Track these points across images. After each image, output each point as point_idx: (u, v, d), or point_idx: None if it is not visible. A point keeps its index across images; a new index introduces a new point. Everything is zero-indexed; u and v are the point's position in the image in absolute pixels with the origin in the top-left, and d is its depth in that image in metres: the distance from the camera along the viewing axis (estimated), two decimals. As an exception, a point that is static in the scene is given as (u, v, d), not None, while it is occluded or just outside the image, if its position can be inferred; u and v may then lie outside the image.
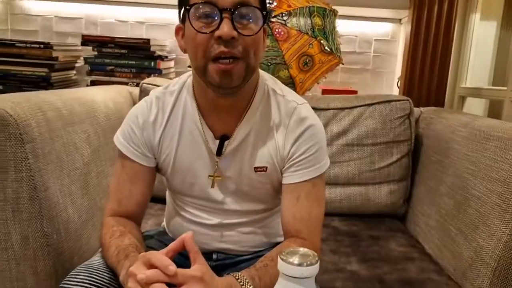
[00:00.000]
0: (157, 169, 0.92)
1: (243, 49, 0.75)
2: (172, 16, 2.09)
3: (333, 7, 1.70)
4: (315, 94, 2.03)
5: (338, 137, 1.50)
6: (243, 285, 0.72)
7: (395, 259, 1.19)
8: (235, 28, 0.73)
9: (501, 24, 2.06)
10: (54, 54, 1.87)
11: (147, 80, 1.52)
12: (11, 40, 1.88)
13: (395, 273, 1.10)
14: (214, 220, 0.91)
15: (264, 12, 0.77)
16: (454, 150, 1.29)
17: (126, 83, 1.88)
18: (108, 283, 0.78)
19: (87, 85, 1.94)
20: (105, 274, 0.80)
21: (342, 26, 1.99)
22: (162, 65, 1.94)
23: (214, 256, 0.94)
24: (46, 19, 2.17)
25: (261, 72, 0.89)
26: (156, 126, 0.88)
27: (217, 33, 0.72)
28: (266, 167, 0.87)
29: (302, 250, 0.51)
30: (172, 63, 2.12)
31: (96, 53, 1.92)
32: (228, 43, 0.73)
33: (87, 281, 0.77)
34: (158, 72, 1.91)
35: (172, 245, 0.69)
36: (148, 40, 1.88)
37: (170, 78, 2.06)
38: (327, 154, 0.90)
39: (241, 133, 0.85)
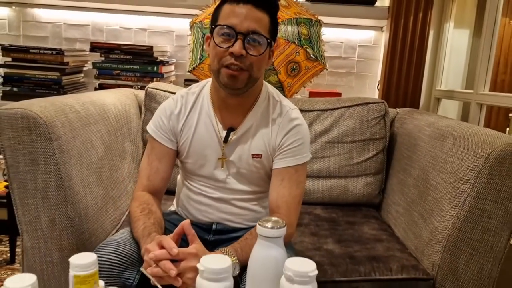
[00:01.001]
0: (177, 153, 1.17)
1: (249, 64, 1.01)
2: (172, 24, 2.28)
3: (321, 17, 1.89)
4: (303, 96, 2.22)
5: (321, 135, 1.70)
6: (228, 256, 0.93)
7: (366, 240, 1.38)
8: (244, 48, 0.99)
9: (473, 32, 2.26)
10: (65, 59, 2.06)
11: (151, 84, 1.70)
12: (26, 47, 2.06)
13: (364, 251, 1.30)
14: (216, 194, 1.15)
15: (269, 40, 1.03)
16: (420, 147, 1.48)
17: (131, 86, 2.06)
18: (129, 254, 0.98)
19: (95, 88, 2.12)
20: (127, 246, 1.00)
21: (329, 33, 2.19)
22: (164, 69, 2.12)
23: (214, 227, 1.16)
24: (56, 26, 2.34)
25: (265, 82, 1.16)
26: (179, 117, 1.13)
27: (230, 49, 0.99)
28: (261, 155, 1.11)
29: (274, 218, 0.70)
30: (172, 67, 2.31)
31: (103, 58, 2.10)
32: (237, 58, 0.99)
33: (113, 252, 0.97)
34: (160, 76, 2.09)
35: (176, 230, 0.93)
36: (151, 47, 2.06)
37: (171, 81, 2.25)
38: (309, 151, 1.14)
39: (244, 126, 1.11)
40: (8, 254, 1.98)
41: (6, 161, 1.14)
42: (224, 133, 1.11)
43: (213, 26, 1.03)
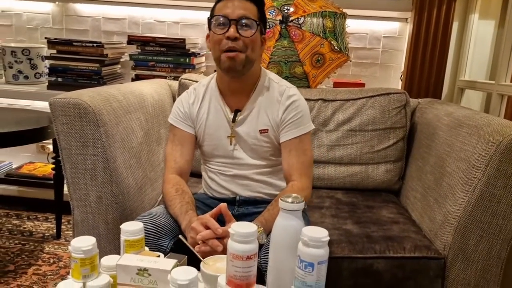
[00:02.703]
0: (196, 138, 1.33)
1: (243, 46, 1.17)
2: (203, 17, 2.39)
3: (346, 9, 1.96)
4: (327, 86, 2.31)
5: (343, 124, 1.79)
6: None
7: (383, 222, 1.48)
8: (238, 32, 1.16)
9: (498, 23, 2.27)
10: (105, 51, 2.21)
11: (184, 75, 1.83)
12: (69, 40, 2.22)
13: (380, 231, 1.40)
14: (232, 171, 1.30)
15: (258, 23, 1.19)
16: (438, 136, 1.55)
17: (165, 77, 2.20)
18: (163, 225, 1.13)
19: (132, 78, 2.27)
20: (161, 218, 1.14)
21: (354, 25, 2.26)
22: (195, 60, 2.25)
23: (237, 198, 1.31)
24: (95, 19, 2.50)
25: (265, 69, 1.33)
26: (194, 106, 1.31)
27: (226, 34, 1.16)
28: (267, 129, 1.27)
29: (294, 195, 0.81)
30: (203, 59, 2.43)
31: (139, 50, 2.25)
32: (233, 41, 1.15)
33: (149, 223, 1.11)
34: (192, 67, 2.22)
35: (214, 210, 1.10)
36: (184, 39, 2.19)
37: (202, 72, 2.38)
38: (311, 121, 1.29)
39: (248, 107, 1.27)
40: (54, 230, 2.17)
41: (60, 144, 1.30)
42: (231, 114, 1.27)
43: (210, 19, 1.20)
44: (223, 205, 1.10)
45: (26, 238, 2.10)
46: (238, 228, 0.74)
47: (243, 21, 1.17)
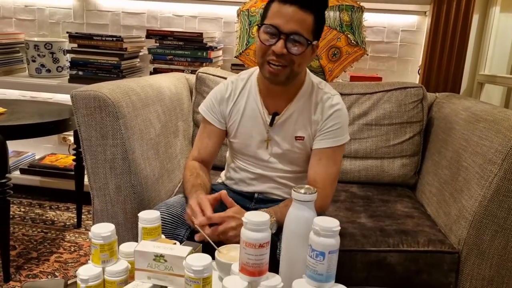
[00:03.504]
0: (226, 133, 1.32)
1: (290, 60, 1.11)
2: (220, 11, 2.41)
3: (364, 3, 1.95)
4: (344, 80, 2.30)
5: (359, 118, 1.79)
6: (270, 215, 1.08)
7: (398, 216, 1.48)
8: (286, 47, 1.08)
9: (520, 16, 2.23)
10: (124, 45, 2.25)
11: (201, 69, 1.85)
12: (90, 34, 2.27)
13: (395, 225, 1.40)
14: (258, 171, 1.30)
15: (309, 41, 1.10)
16: (455, 130, 1.54)
17: (182, 70, 2.23)
18: (179, 215, 1.15)
19: (150, 72, 2.31)
20: (178, 208, 1.17)
21: (372, 18, 2.25)
22: (212, 54, 2.27)
23: (255, 196, 1.31)
24: (115, 14, 2.54)
25: (309, 72, 1.27)
26: (229, 101, 1.28)
27: (272, 47, 1.09)
28: (304, 137, 1.24)
29: (307, 186, 0.83)
30: (220, 52, 2.45)
31: (158, 44, 2.28)
32: (278, 56, 1.09)
33: (165, 212, 1.14)
34: (209, 61, 2.24)
35: (213, 195, 1.10)
36: (201, 33, 2.21)
37: (219, 66, 2.40)
38: (348, 133, 1.25)
39: (288, 111, 1.23)
40: (75, 220, 2.23)
41: (81, 135, 1.34)
42: (269, 117, 1.23)
43: (259, 25, 1.13)
44: (223, 192, 1.10)
45: (48, 226, 2.17)
46: (251, 217, 0.76)
47: (294, 37, 1.08)
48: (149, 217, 0.91)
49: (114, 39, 2.24)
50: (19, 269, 1.78)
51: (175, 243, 0.90)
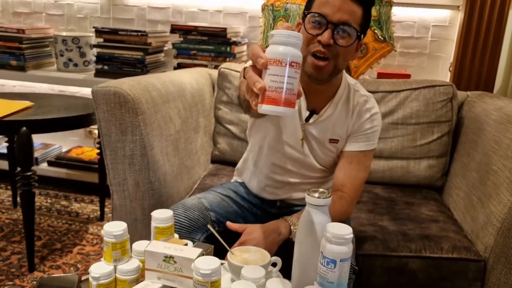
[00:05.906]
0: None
1: (335, 53, 1.04)
2: (245, 5, 2.39)
3: (394, -4, 1.88)
4: (371, 76, 2.24)
5: (384, 117, 1.72)
6: (291, 224, 1.06)
7: (422, 220, 1.42)
8: (333, 38, 1.01)
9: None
10: (148, 40, 2.26)
11: (224, 65, 1.83)
12: (115, 29, 2.29)
13: (418, 229, 1.35)
14: (284, 178, 1.24)
15: (359, 33, 1.04)
16: (485, 131, 1.47)
17: (206, 66, 2.22)
18: (196, 219, 1.14)
19: (174, 67, 2.31)
20: (195, 212, 1.15)
21: (401, 13, 2.17)
22: (236, 49, 2.25)
23: (278, 204, 1.28)
24: (141, 8, 2.56)
25: (344, 72, 1.20)
26: None
27: (319, 37, 1.02)
28: (338, 140, 1.19)
29: (321, 189, 0.80)
30: (244, 47, 2.43)
31: (182, 39, 2.28)
32: (325, 46, 1.02)
33: (182, 216, 1.13)
34: (233, 56, 2.22)
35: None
36: (225, 28, 2.19)
37: (243, 61, 2.38)
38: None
39: (326, 112, 1.17)
40: (99, 213, 2.27)
41: (101, 131, 1.34)
42: (307, 113, 1.17)
43: (305, 13, 1.05)
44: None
45: (73, 218, 2.22)
46: (277, 30, 0.69)
47: (343, 27, 1.02)
48: (162, 217, 0.90)
49: (139, 33, 2.25)
50: (43, 260, 1.82)
51: (186, 244, 0.89)
